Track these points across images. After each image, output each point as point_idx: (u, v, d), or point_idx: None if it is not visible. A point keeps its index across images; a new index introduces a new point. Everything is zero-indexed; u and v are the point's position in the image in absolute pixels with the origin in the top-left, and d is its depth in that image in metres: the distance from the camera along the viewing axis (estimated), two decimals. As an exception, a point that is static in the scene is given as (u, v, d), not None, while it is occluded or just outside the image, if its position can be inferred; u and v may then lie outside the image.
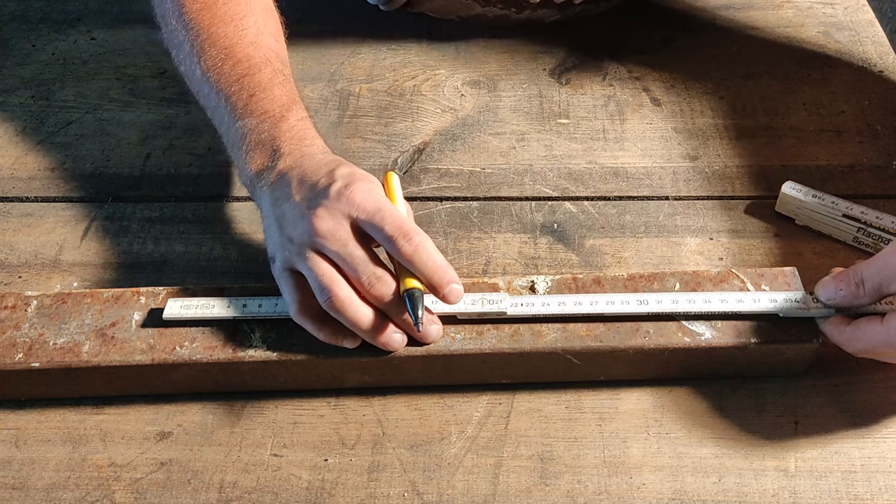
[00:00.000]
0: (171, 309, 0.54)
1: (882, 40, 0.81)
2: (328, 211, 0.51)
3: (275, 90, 0.59)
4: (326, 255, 0.51)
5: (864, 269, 0.51)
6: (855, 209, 0.61)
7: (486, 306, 0.53)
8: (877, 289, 0.50)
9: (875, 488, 0.51)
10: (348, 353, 0.53)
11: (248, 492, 0.51)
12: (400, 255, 0.50)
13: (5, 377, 0.53)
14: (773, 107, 0.75)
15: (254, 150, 0.57)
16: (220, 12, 0.62)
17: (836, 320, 0.52)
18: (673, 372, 0.55)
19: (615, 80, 0.78)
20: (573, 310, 0.53)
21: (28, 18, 0.87)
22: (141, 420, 0.55)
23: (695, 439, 0.53)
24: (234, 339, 0.53)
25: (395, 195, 0.55)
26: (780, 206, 0.65)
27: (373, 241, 0.52)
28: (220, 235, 0.66)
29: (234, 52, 0.60)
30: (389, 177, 0.56)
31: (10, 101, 0.78)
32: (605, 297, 0.54)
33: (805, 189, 0.63)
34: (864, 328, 0.50)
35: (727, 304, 0.53)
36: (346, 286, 0.50)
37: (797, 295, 0.54)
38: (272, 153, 0.56)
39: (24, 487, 0.52)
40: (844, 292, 0.51)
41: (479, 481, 0.52)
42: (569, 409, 0.55)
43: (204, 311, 0.54)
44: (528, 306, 0.54)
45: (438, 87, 0.78)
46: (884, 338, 0.49)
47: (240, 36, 0.61)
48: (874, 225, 0.60)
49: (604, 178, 0.69)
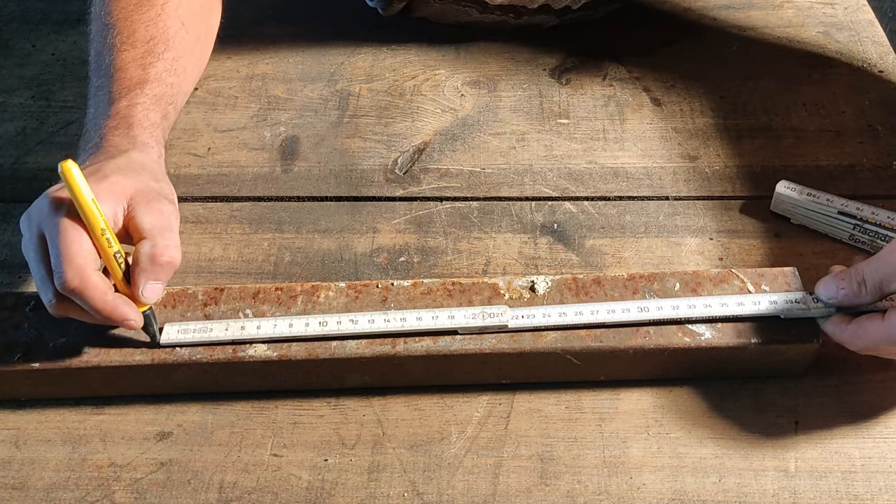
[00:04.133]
0: (167, 334, 0.53)
1: (882, 40, 0.81)
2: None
3: (129, 70, 0.60)
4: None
5: (865, 268, 0.51)
6: (850, 206, 0.61)
7: (487, 320, 0.53)
8: (878, 287, 0.50)
9: (875, 488, 0.51)
10: (348, 354, 0.53)
11: (248, 492, 0.51)
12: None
13: (5, 377, 0.53)
14: (773, 107, 0.75)
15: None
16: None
17: (838, 319, 0.52)
18: (673, 372, 0.55)
19: (615, 80, 0.78)
20: (574, 320, 0.53)
21: (28, 19, 0.87)
22: (141, 420, 0.55)
23: (695, 439, 0.53)
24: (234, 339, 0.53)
25: (78, 191, 0.49)
26: (775, 205, 0.65)
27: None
28: (220, 235, 0.66)
29: (130, 22, 0.62)
30: (68, 171, 0.48)
31: (10, 101, 0.78)
32: (605, 306, 0.53)
33: (799, 188, 0.63)
34: (865, 326, 0.50)
35: (727, 307, 0.53)
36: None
37: (797, 295, 0.54)
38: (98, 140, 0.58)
39: (24, 487, 0.52)
40: (846, 291, 0.51)
41: (479, 481, 0.52)
42: (569, 409, 0.55)
43: (201, 335, 0.53)
44: (529, 318, 0.53)
45: (438, 87, 0.78)
46: (885, 334, 0.49)
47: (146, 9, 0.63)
48: (870, 221, 0.60)
49: (604, 178, 0.69)
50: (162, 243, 0.50)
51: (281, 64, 0.80)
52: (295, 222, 0.67)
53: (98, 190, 0.50)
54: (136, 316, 0.50)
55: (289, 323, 0.53)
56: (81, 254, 0.48)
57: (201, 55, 0.69)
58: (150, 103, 0.60)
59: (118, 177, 0.52)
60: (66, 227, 0.49)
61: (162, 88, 0.61)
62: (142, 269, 0.50)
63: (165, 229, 0.51)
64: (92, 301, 0.49)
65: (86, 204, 0.48)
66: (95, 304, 0.49)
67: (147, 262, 0.50)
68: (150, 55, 0.61)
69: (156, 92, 0.60)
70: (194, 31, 0.66)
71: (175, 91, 0.63)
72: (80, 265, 0.48)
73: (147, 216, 0.51)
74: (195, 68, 0.68)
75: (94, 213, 0.48)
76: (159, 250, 0.50)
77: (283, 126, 0.74)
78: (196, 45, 0.67)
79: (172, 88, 0.62)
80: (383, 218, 0.67)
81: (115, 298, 0.50)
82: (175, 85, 0.63)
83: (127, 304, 0.50)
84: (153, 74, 0.61)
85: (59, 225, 0.49)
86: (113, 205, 0.51)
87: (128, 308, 0.50)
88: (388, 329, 0.53)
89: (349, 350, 0.53)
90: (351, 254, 0.64)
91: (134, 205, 0.51)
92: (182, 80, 0.64)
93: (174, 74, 0.62)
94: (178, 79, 0.63)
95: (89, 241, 0.49)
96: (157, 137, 0.60)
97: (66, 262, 0.48)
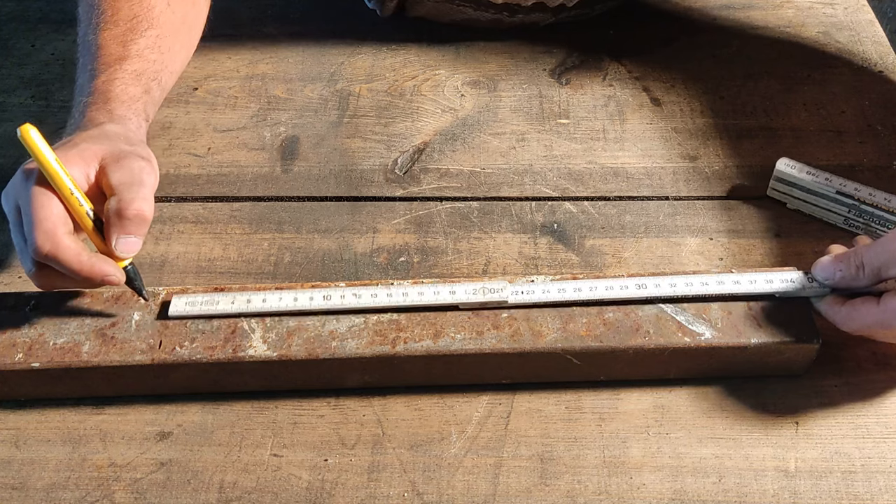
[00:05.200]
0: (175, 306, 0.54)
1: (882, 40, 0.81)
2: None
3: (110, 47, 0.60)
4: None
5: (865, 253, 0.51)
6: (848, 185, 0.62)
7: (488, 295, 0.54)
8: (876, 272, 0.51)
9: (875, 488, 0.51)
10: (348, 353, 0.53)
11: (248, 492, 0.51)
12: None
13: (5, 377, 0.53)
14: (773, 107, 0.75)
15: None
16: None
17: (832, 299, 0.53)
18: (673, 372, 0.55)
19: (615, 80, 0.78)
20: (573, 296, 0.54)
21: (28, 18, 0.87)
22: (141, 420, 0.55)
23: (695, 439, 0.53)
24: (234, 339, 0.53)
25: (38, 151, 0.50)
26: (773, 187, 0.65)
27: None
28: (220, 235, 0.66)
29: (115, 1, 0.62)
30: (25, 133, 0.50)
31: (10, 101, 0.78)
32: (604, 283, 0.55)
33: (800, 165, 0.64)
34: (859, 308, 0.51)
35: (724, 285, 0.54)
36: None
37: (794, 275, 0.55)
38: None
39: (24, 487, 0.52)
40: (843, 273, 0.52)
41: (479, 481, 0.52)
42: (569, 409, 0.55)
43: (208, 307, 0.54)
44: (529, 294, 0.54)
45: (438, 87, 0.78)
46: (879, 318, 0.50)
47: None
48: (867, 202, 0.61)
49: (604, 178, 0.69)
50: (128, 196, 0.50)
51: (281, 64, 0.80)
52: (295, 222, 0.67)
53: (68, 156, 0.51)
54: (116, 271, 0.51)
55: (293, 297, 0.54)
56: (50, 218, 0.49)
57: (188, 36, 0.69)
58: (130, 78, 0.60)
59: (88, 143, 0.53)
60: (36, 193, 0.49)
61: (143, 64, 0.61)
62: (111, 224, 0.50)
63: (134, 184, 0.51)
64: (67, 263, 0.49)
65: (49, 164, 0.49)
66: (71, 265, 0.49)
67: (115, 216, 0.50)
68: (131, 32, 0.62)
69: (135, 68, 0.61)
70: (181, 12, 0.66)
71: (159, 68, 0.63)
72: (49, 229, 0.49)
73: (116, 172, 0.51)
74: (182, 48, 0.68)
75: (58, 173, 0.49)
76: (125, 203, 0.50)
77: (283, 126, 0.74)
78: (182, 26, 0.67)
79: (155, 65, 0.62)
80: (383, 218, 0.67)
81: (91, 257, 0.50)
82: (158, 62, 0.63)
83: (105, 262, 0.50)
84: (134, 51, 0.61)
85: (30, 193, 0.50)
86: (84, 167, 0.51)
87: (105, 265, 0.50)
88: (390, 304, 0.54)
89: (349, 350, 0.53)
90: (351, 254, 0.64)
91: (105, 164, 0.52)
92: (167, 59, 0.64)
93: (157, 52, 0.63)
94: (162, 56, 0.63)
95: (60, 205, 0.50)
96: (137, 111, 0.60)
97: (37, 228, 0.49)
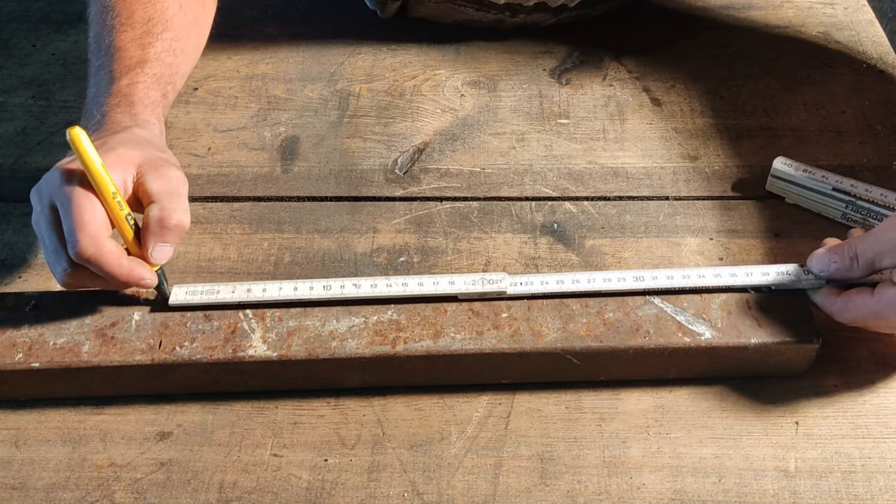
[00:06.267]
0: (176, 295, 0.54)
1: (882, 40, 0.81)
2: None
3: (129, 50, 0.61)
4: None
5: (858, 244, 0.52)
6: (845, 182, 0.62)
7: (487, 286, 0.54)
8: (870, 263, 0.51)
9: (875, 488, 0.51)
10: (348, 353, 0.53)
11: (248, 492, 0.51)
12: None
13: (5, 377, 0.53)
14: (773, 107, 0.75)
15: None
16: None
17: (827, 291, 0.53)
18: (673, 372, 0.55)
19: (615, 80, 0.78)
20: (571, 287, 0.54)
21: (28, 18, 0.87)
22: (141, 420, 0.55)
23: (695, 439, 0.53)
24: (234, 339, 0.53)
25: (87, 156, 0.50)
26: (771, 183, 0.66)
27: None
28: (220, 235, 0.66)
29: (129, 4, 0.63)
30: (76, 137, 0.49)
31: (10, 101, 0.78)
32: (602, 275, 0.55)
33: (796, 164, 0.64)
34: (854, 299, 0.52)
35: (720, 278, 0.55)
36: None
37: (789, 268, 0.55)
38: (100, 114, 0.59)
39: (24, 487, 0.52)
40: (838, 265, 0.52)
41: (479, 481, 0.52)
42: (569, 409, 0.55)
43: (209, 296, 0.54)
44: (528, 285, 0.55)
45: (438, 87, 0.78)
46: (874, 309, 0.50)
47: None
48: (863, 198, 0.61)
49: (604, 178, 0.69)
50: (170, 206, 0.52)
51: (281, 64, 0.80)
52: (295, 222, 0.67)
53: (107, 159, 0.51)
54: (151, 275, 0.52)
55: (293, 286, 0.55)
56: (95, 222, 0.50)
57: (198, 38, 0.69)
58: (151, 82, 0.61)
59: (125, 148, 0.53)
60: (79, 195, 0.50)
61: (161, 68, 0.62)
62: (151, 232, 0.51)
63: (174, 193, 0.52)
64: (108, 267, 0.50)
65: (95, 169, 0.49)
66: (112, 269, 0.50)
67: (156, 224, 0.51)
68: (148, 35, 0.62)
69: (155, 71, 0.61)
70: (192, 14, 0.67)
71: (173, 72, 0.63)
72: (95, 233, 0.50)
73: (156, 181, 0.52)
74: (193, 50, 0.68)
75: (103, 178, 0.50)
76: (167, 213, 0.51)
77: (283, 126, 0.74)
78: (194, 28, 0.67)
79: (171, 69, 0.63)
80: (383, 218, 0.67)
81: (130, 262, 0.51)
82: (173, 65, 0.63)
83: (141, 266, 0.52)
84: (152, 54, 0.62)
85: (72, 194, 0.50)
86: (122, 173, 0.52)
87: (142, 269, 0.52)
88: (390, 294, 0.54)
89: (349, 350, 0.53)
90: (351, 254, 0.64)
91: (142, 171, 0.53)
92: (180, 61, 0.65)
93: (172, 55, 0.63)
94: (177, 59, 0.64)
95: (102, 209, 0.51)
96: (158, 115, 0.60)
97: (81, 231, 0.49)
